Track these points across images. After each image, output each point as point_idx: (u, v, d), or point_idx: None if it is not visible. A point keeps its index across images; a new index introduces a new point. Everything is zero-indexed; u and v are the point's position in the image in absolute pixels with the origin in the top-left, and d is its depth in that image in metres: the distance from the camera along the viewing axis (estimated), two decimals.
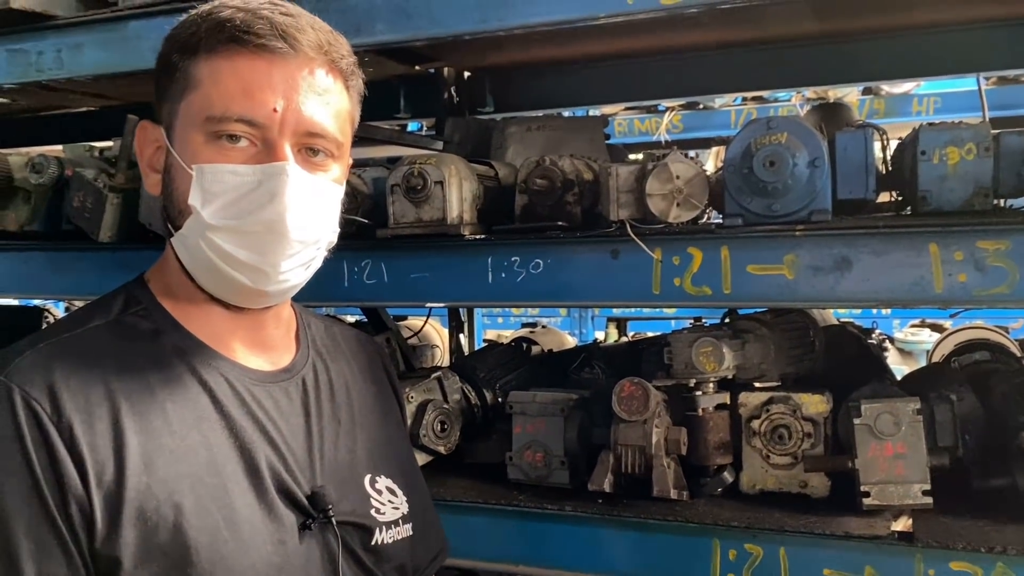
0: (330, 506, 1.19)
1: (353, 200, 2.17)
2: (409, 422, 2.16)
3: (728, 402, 1.97)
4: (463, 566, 2.07)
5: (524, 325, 5.07)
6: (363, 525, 1.26)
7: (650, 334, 3.66)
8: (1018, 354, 2.63)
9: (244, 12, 1.13)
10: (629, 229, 1.83)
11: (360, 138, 3.54)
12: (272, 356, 1.28)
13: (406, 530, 1.33)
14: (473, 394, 2.33)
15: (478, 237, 2.00)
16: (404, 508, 1.34)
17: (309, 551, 1.17)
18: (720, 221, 1.87)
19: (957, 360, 2.60)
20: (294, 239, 1.15)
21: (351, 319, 3.29)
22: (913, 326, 5.30)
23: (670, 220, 1.81)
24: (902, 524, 1.76)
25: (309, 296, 2.20)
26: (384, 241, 2.04)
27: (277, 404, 1.22)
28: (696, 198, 1.81)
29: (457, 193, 1.96)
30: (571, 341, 3.64)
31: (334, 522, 1.19)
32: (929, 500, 1.73)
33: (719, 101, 5.69)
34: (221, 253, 1.14)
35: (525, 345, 2.88)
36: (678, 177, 1.80)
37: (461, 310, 3.40)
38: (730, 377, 1.99)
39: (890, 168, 2.00)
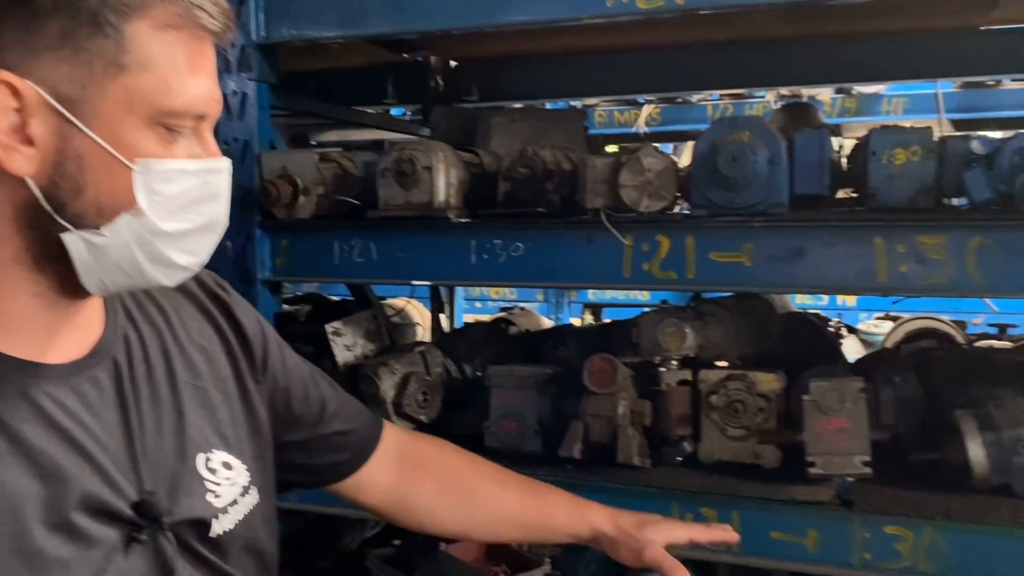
0: (161, 515, 1.03)
1: (345, 182, 2.30)
2: (393, 393, 2.31)
3: (690, 378, 2.13)
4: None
5: (502, 310, 5.22)
6: (200, 519, 1.09)
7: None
8: (962, 343, 2.81)
9: None
10: (603, 217, 1.98)
11: (349, 122, 3.67)
12: (78, 336, 1.04)
13: (249, 501, 1.16)
14: (454, 367, 2.47)
15: (463, 220, 2.14)
16: (243, 478, 1.16)
17: (137, 565, 1.00)
18: (687, 211, 2.02)
19: (906, 347, 2.78)
20: (221, 235, 1.05)
21: (335, 299, 3.42)
22: (877, 318, 5.49)
23: (640, 209, 1.96)
24: (842, 492, 1.93)
25: (300, 272, 2.38)
26: (374, 222, 2.17)
27: (84, 400, 1.00)
28: (665, 189, 1.96)
29: (444, 178, 2.10)
30: (548, 323, 3.79)
31: (165, 526, 1.03)
32: (869, 470, 1.90)
33: (696, 96, 5.85)
34: (158, 257, 0.98)
35: (504, 325, 3.03)
36: (649, 170, 1.94)
37: (442, 291, 3.55)
38: (692, 355, 2.15)
39: (848, 167, 2.16)
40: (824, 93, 5.36)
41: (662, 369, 2.13)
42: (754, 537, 1.94)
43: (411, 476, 1.48)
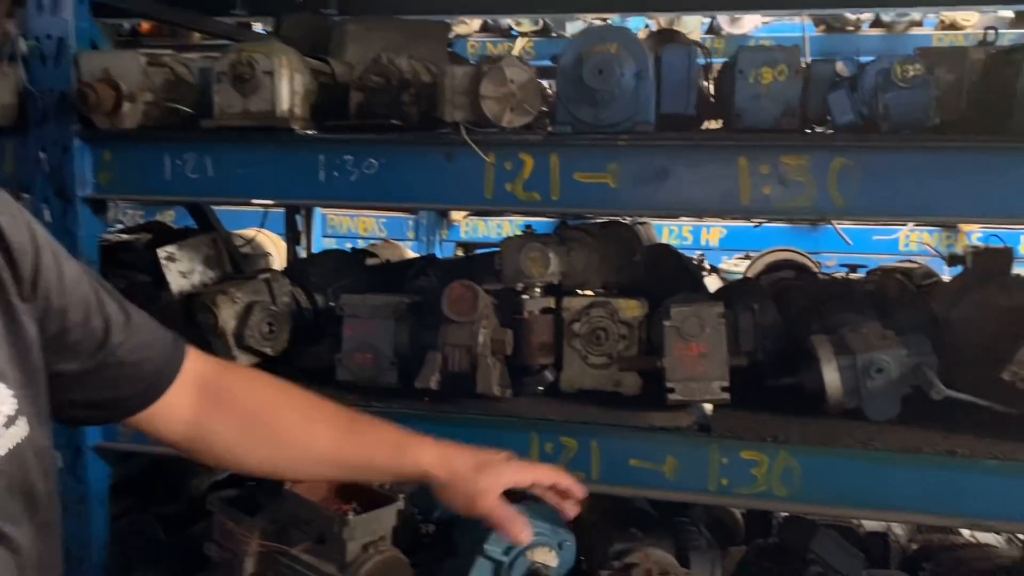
0: None
1: (177, 89, 2.06)
2: (234, 323, 2.12)
3: (553, 306, 2.05)
4: None
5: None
6: None
7: None
8: (818, 273, 2.87)
9: None
10: (463, 131, 1.84)
11: (189, 28, 3.33)
12: None
13: (16, 433, 0.99)
14: (304, 297, 2.30)
15: (310, 132, 1.96)
16: (7, 407, 0.99)
17: None
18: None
19: (765, 278, 2.81)
20: None
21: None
22: (737, 258, 5.64)
23: (503, 124, 1.83)
24: (701, 418, 1.91)
25: (126, 190, 2.13)
26: (209, 132, 1.96)
27: None
28: (529, 103, 1.83)
29: (288, 85, 1.90)
30: (413, 256, 3.63)
31: None
32: (727, 396, 1.88)
33: (571, 29, 5.75)
34: None
35: (363, 256, 2.86)
36: (512, 81, 1.82)
37: (299, 219, 3.33)
38: (556, 283, 2.07)
39: (714, 90, 2.10)
40: (695, 33, 5.38)
41: (525, 296, 2.04)
42: (613, 466, 1.90)
43: (211, 410, 1.30)
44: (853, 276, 2.67)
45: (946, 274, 2.90)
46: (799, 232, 6.02)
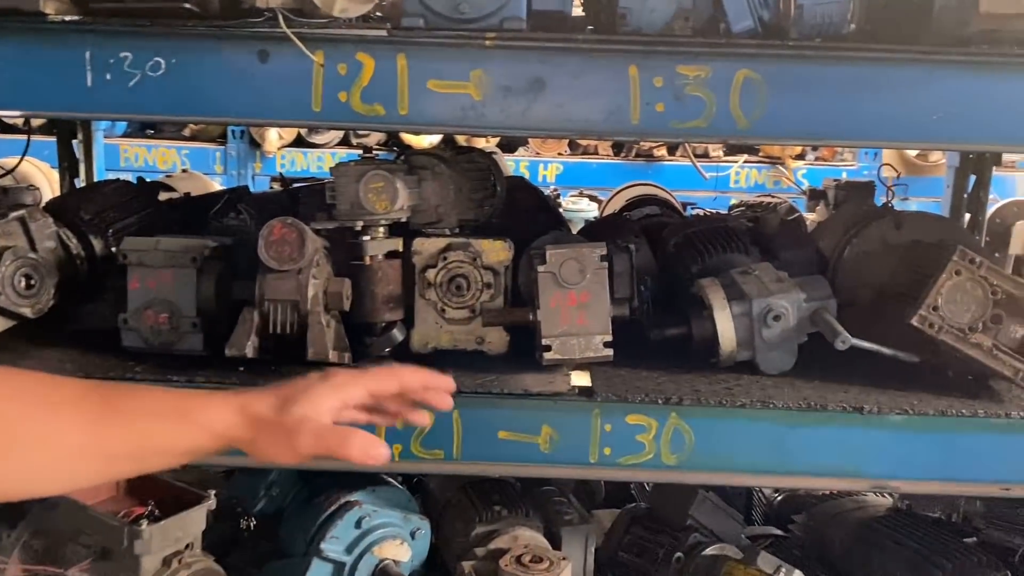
0: None
1: None
2: None
3: (400, 249, 1.68)
4: None
5: None
6: None
7: None
8: (681, 210, 2.66)
9: None
10: (282, 21, 1.41)
11: None
12: None
13: None
14: (75, 241, 1.80)
15: (70, 19, 1.45)
16: None
17: None
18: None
19: (629, 214, 2.56)
20: None
21: None
22: (572, 196, 5.45)
23: (335, 13, 1.41)
24: (582, 379, 1.63)
25: None
26: None
27: None
28: None
29: None
30: (218, 188, 3.09)
31: None
32: (610, 352, 1.61)
33: None
34: None
35: (156, 189, 2.33)
36: None
37: (75, 146, 2.73)
38: (404, 220, 1.69)
39: None
40: None
41: (366, 238, 1.64)
42: (479, 440, 1.58)
43: None
44: (721, 213, 2.47)
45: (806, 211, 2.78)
46: (635, 168, 5.92)
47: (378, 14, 1.53)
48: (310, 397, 1.10)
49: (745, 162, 6.04)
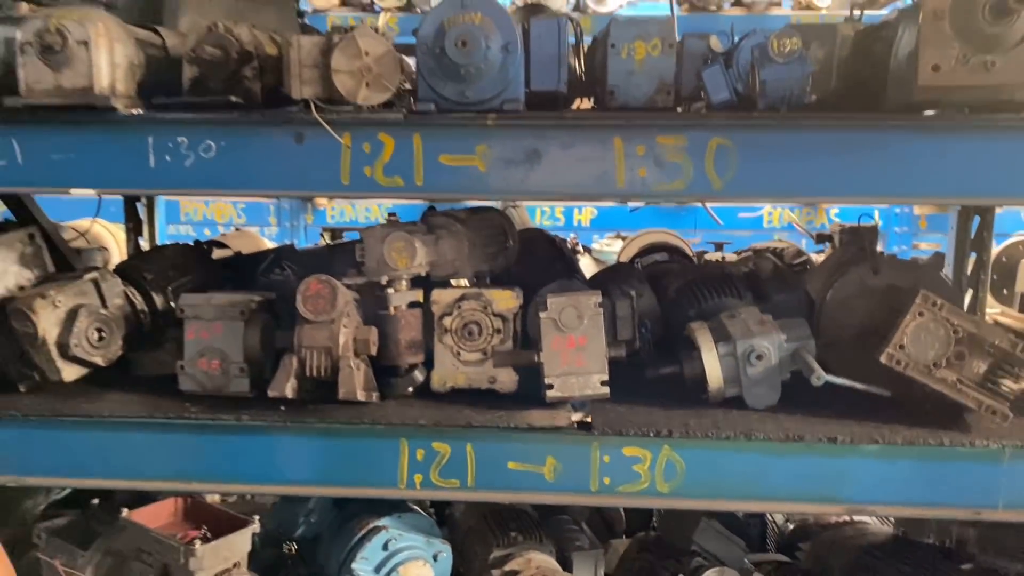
0: None
1: None
2: (57, 331, 1.85)
3: (421, 300, 1.89)
4: (123, 487, 1.84)
5: None
6: None
7: None
8: (692, 256, 2.83)
9: None
10: (313, 110, 1.65)
11: None
12: None
13: None
14: (139, 298, 2.05)
15: (135, 112, 1.71)
16: None
17: None
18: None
19: (639, 261, 2.74)
20: None
21: None
22: (608, 238, 5.63)
23: (359, 101, 1.65)
24: (581, 415, 1.81)
25: None
26: (15, 112, 1.68)
27: None
28: (387, 78, 1.66)
29: (107, 57, 1.65)
30: (269, 246, 3.37)
31: None
32: (606, 390, 1.78)
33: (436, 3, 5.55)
34: None
35: (209, 247, 2.60)
36: (367, 53, 1.64)
37: (139, 207, 3.02)
38: (424, 274, 1.91)
39: (584, 67, 1.99)
40: (561, 7, 5.29)
41: (390, 290, 1.86)
42: (491, 470, 1.77)
43: None
44: (727, 257, 2.64)
45: (814, 252, 2.92)
46: (668, 212, 6.08)
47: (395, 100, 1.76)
48: None
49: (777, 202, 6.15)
